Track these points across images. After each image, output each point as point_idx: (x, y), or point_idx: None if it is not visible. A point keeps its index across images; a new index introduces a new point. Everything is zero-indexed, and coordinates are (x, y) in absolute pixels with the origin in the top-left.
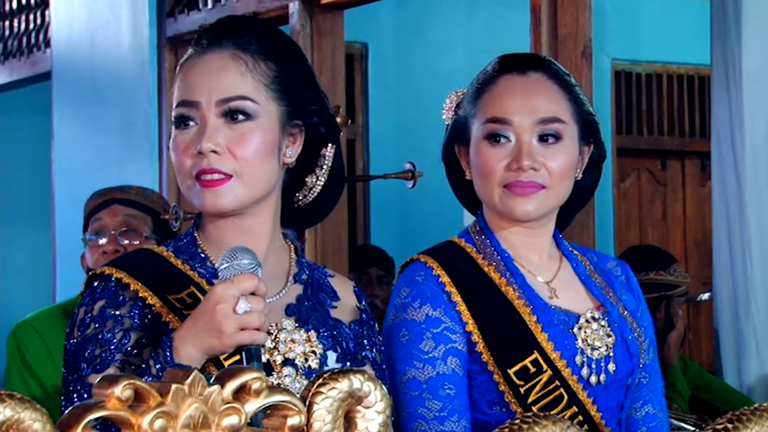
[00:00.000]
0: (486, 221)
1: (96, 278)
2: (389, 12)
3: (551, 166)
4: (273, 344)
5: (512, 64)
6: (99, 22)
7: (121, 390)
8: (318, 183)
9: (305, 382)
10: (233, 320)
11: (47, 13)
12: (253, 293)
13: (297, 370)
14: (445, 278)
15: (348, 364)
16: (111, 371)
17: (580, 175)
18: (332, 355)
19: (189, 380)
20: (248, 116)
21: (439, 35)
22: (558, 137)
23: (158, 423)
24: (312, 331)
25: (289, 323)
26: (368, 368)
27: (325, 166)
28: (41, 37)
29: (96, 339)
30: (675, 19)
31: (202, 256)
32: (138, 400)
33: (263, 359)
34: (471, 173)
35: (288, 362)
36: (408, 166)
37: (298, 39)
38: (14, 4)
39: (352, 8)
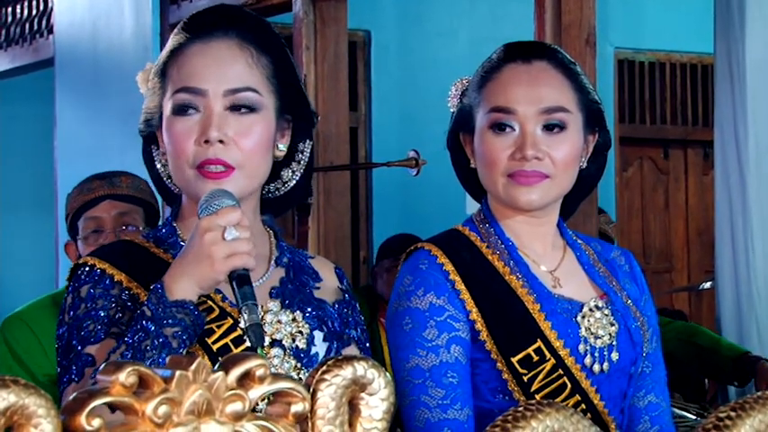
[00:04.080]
0: (490, 210)
1: (80, 267)
2: (392, 0)
3: (555, 155)
4: None
5: (516, 52)
6: (101, 8)
7: (126, 376)
8: (294, 177)
9: (293, 362)
10: (223, 246)
11: None
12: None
13: (284, 350)
14: (449, 266)
15: (335, 343)
16: (107, 342)
17: (585, 164)
18: (318, 335)
19: (193, 366)
20: (254, 108)
21: (442, 23)
22: (562, 126)
23: (162, 409)
24: (298, 312)
25: (274, 305)
26: (353, 348)
27: (302, 161)
28: (44, 23)
29: (89, 316)
30: (678, 8)
31: (183, 245)
32: (142, 387)
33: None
34: (476, 161)
35: (275, 343)
36: (412, 153)
37: (301, 27)
38: None
39: None
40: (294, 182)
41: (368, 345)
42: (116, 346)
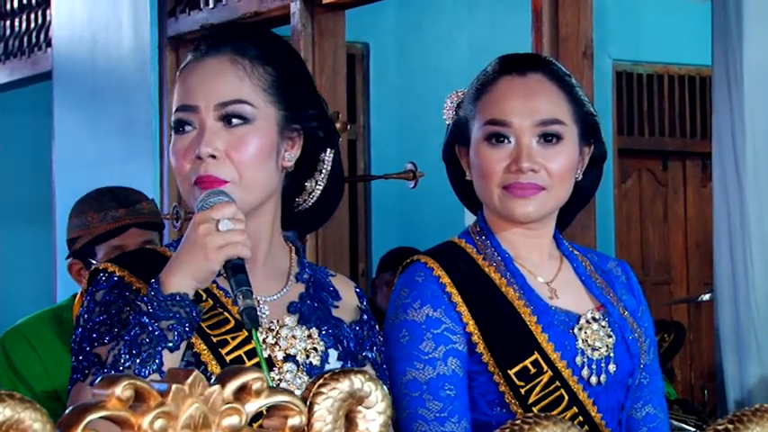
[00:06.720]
0: (486, 222)
1: (100, 272)
2: (391, 12)
3: (551, 167)
4: (275, 340)
5: (511, 65)
6: (100, 21)
7: (122, 390)
8: (318, 187)
9: (306, 378)
10: (216, 237)
11: (48, 12)
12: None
13: (298, 366)
14: (446, 279)
15: (349, 362)
16: (113, 343)
17: (580, 176)
18: (333, 353)
19: (189, 380)
20: (246, 120)
21: (441, 35)
22: (558, 138)
23: (159, 423)
24: (314, 329)
25: (290, 320)
26: (368, 368)
27: (324, 171)
28: (42, 36)
29: (101, 321)
30: (676, 20)
31: None
32: (138, 400)
33: (265, 354)
34: (471, 173)
35: (289, 357)
36: (409, 166)
37: (299, 39)
38: (15, 4)
39: (353, 8)
40: (319, 192)
41: (384, 367)
42: (115, 344)
